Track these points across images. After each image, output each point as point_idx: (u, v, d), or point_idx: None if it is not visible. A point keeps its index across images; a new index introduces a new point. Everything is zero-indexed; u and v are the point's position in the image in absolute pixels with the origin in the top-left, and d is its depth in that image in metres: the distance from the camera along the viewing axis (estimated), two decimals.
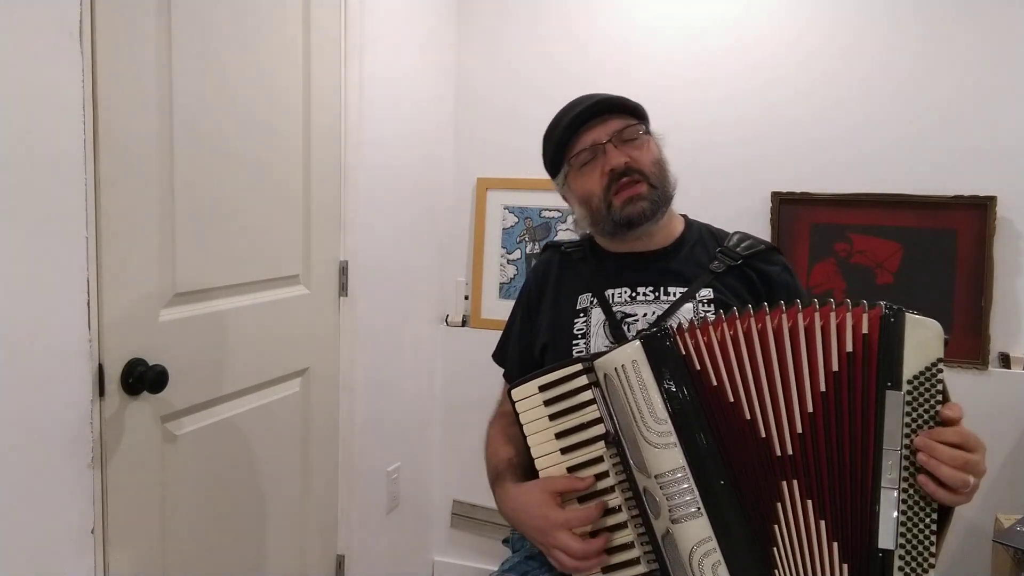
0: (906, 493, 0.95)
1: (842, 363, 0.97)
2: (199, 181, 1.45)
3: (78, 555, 1.22)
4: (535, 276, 1.42)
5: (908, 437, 0.95)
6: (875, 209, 2.08)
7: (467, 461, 2.47)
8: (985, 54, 2.00)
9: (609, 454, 1.07)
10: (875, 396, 0.96)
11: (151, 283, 1.36)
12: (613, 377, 1.05)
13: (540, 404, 1.10)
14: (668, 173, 1.29)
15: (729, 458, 1.00)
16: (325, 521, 1.95)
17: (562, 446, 1.09)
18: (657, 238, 1.32)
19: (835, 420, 0.97)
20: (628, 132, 1.27)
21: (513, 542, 1.41)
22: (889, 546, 0.94)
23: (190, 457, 1.47)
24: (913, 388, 0.95)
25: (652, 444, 1.02)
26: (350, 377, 1.96)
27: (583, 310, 1.29)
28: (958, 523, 2.02)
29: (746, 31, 2.18)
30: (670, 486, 1.00)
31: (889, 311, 0.96)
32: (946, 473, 0.92)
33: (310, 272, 1.81)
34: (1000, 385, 1.99)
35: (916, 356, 0.95)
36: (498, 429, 1.33)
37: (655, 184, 1.26)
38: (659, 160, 1.29)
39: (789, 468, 0.98)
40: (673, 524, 1.00)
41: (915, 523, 0.95)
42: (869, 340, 0.96)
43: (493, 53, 2.43)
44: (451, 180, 2.48)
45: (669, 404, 1.01)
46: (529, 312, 1.39)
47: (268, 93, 1.62)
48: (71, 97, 1.16)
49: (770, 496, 0.99)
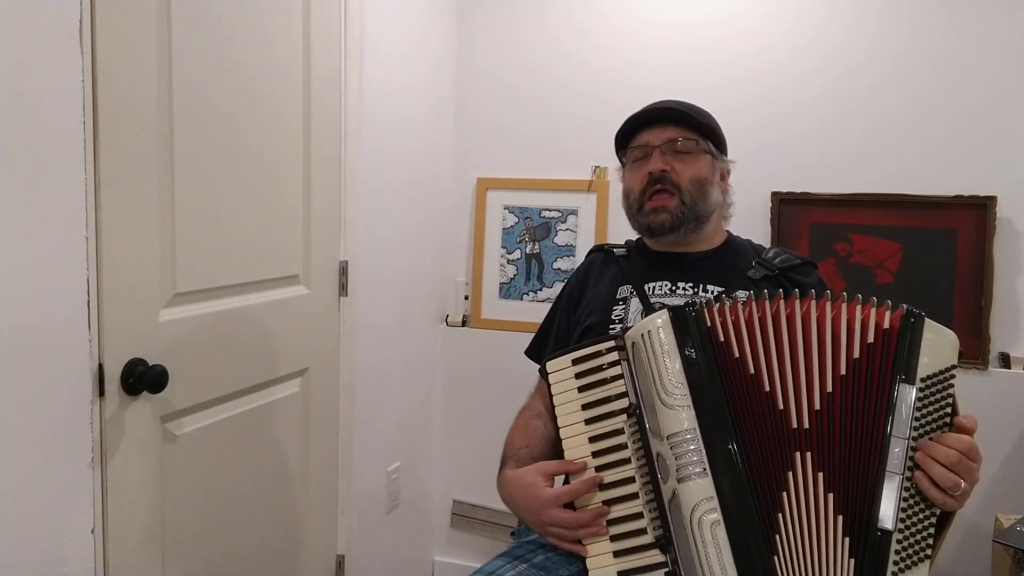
0: (909, 482, 1.00)
1: (863, 352, 1.03)
2: (199, 181, 1.45)
3: (78, 555, 1.22)
4: (577, 275, 1.50)
5: (916, 431, 1.01)
6: (875, 209, 2.08)
7: (467, 461, 2.48)
8: (985, 54, 2.00)
9: (628, 424, 1.10)
10: (889, 386, 1.02)
11: (151, 283, 1.36)
12: (639, 344, 1.09)
13: (571, 377, 1.15)
14: (709, 193, 1.35)
15: (740, 425, 1.04)
16: (325, 521, 1.95)
17: (587, 417, 1.13)
18: (700, 243, 1.39)
19: (851, 403, 1.03)
20: (682, 144, 1.34)
21: (520, 534, 1.42)
22: (888, 527, 0.99)
23: (190, 457, 1.47)
24: (926, 387, 1.02)
25: (667, 406, 1.05)
26: (350, 377, 1.96)
27: (623, 299, 1.36)
28: (958, 523, 2.00)
29: (746, 30, 2.18)
30: (680, 446, 1.04)
31: (911, 313, 1.04)
32: (938, 472, 0.98)
33: (310, 272, 1.81)
34: (1000, 385, 1.99)
35: (931, 359, 1.02)
36: (520, 420, 1.38)
37: (686, 201, 1.32)
38: (702, 179, 1.35)
39: (804, 440, 1.03)
40: (679, 484, 1.03)
41: (915, 512, 1.00)
42: (889, 335, 1.03)
43: (493, 53, 2.43)
44: (451, 180, 2.48)
45: (687, 369, 1.06)
46: (569, 308, 1.45)
47: (268, 93, 1.62)
48: (71, 97, 1.16)
49: (781, 465, 1.03)
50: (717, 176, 1.38)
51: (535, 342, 1.54)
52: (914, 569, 0.98)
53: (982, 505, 1.98)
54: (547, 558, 1.26)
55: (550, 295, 2.37)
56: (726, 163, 1.42)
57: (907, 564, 0.98)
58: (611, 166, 2.31)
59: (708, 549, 1.00)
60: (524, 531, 1.42)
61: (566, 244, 2.36)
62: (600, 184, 2.31)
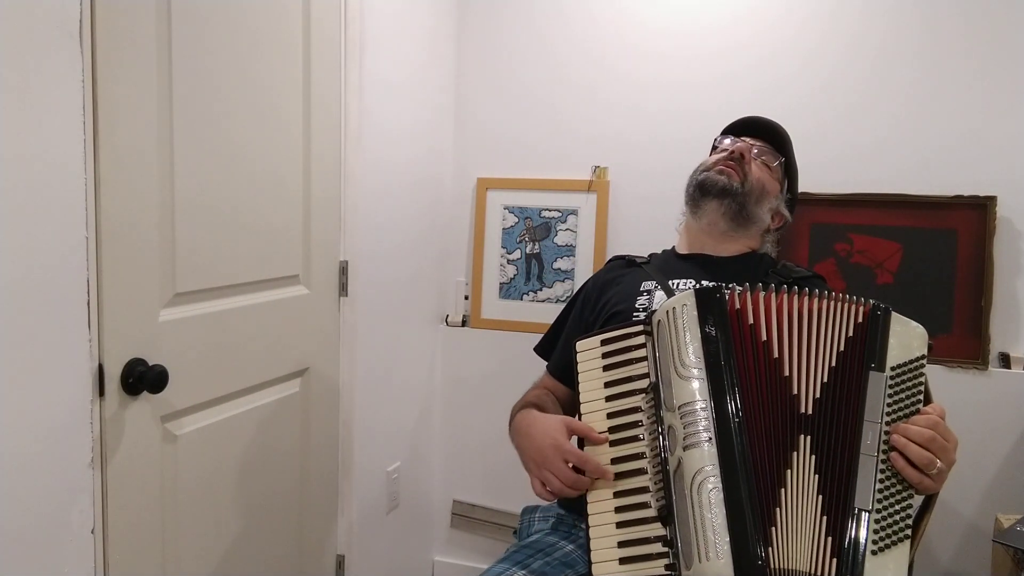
0: (885, 464, 1.05)
1: (846, 346, 1.11)
2: (199, 181, 1.45)
3: (78, 555, 1.22)
4: (595, 279, 1.55)
5: (890, 415, 1.07)
6: (875, 209, 2.08)
7: (467, 461, 2.48)
8: (986, 54, 2.00)
9: (645, 401, 1.13)
10: (862, 373, 1.09)
11: (151, 283, 1.36)
12: (664, 321, 1.14)
13: (598, 356, 1.20)
14: (763, 203, 1.47)
15: (748, 401, 1.08)
16: (325, 521, 1.95)
17: (608, 394, 1.17)
18: (728, 246, 1.48)
19: (840, 392, 1.09)
20: (766, 155, 1.51)
21: (520, 534, 1.43)
22: (865, 506, 1.03)
23: (190, 457, 1.47)
24: (896, 375, 1.09)
25: (682, 377, 1.09)
26: (350, 377, 1.97)
27: (647, 291, 1.41)
28: (958, 523, 2.02)
29: (745, 33, 2.18)
30: (688, 415, 1.07)
31: (878, 307, 1.12)
32: (913, 451, 1.03)
33: (310, 272, 1.81)
34: (1000, 385, 1.98)
35: (900, 349, 1.10)
36: (530, 391, 1.47)
37: (745, 188, 1.45)
38: (767, 187, 1.48)
39: (806, 425, 1.08)
40: (684, 452, 1.05)
41: (892, 492, 1.04)
42: (861, 328, 1.11)
43: (494, 53, 2.43)
44: (451, 180, 2.48)
45: (705, 345, 1.10)
46: (584, 307, 1.50)
47: (268, 93, 1.62)
48: (71, 97, 1.16)
49: (787, 445, 1.07)
50: (777, 202, 1.51)
51: (545, 339, 1.58)
52: (893, 549, 1.01)
53: (982, 505, 1.99)
54: (546, 563, 1.26)
55: (550, 295, 2.37)
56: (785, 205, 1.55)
57: (886, 544, 1.01)
58: (611, 166, 2.32)
59: (703, 512, 1.01)
60: (525, 531, 1.43)
61: (566, 244, 2.36)
62: (600, 184, 2.31)
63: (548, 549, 1.32)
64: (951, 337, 2.01)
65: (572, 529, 1.39)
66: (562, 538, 1.36)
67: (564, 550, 1.32)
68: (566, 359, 1.43)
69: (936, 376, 2.00)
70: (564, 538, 1.36)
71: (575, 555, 1.30)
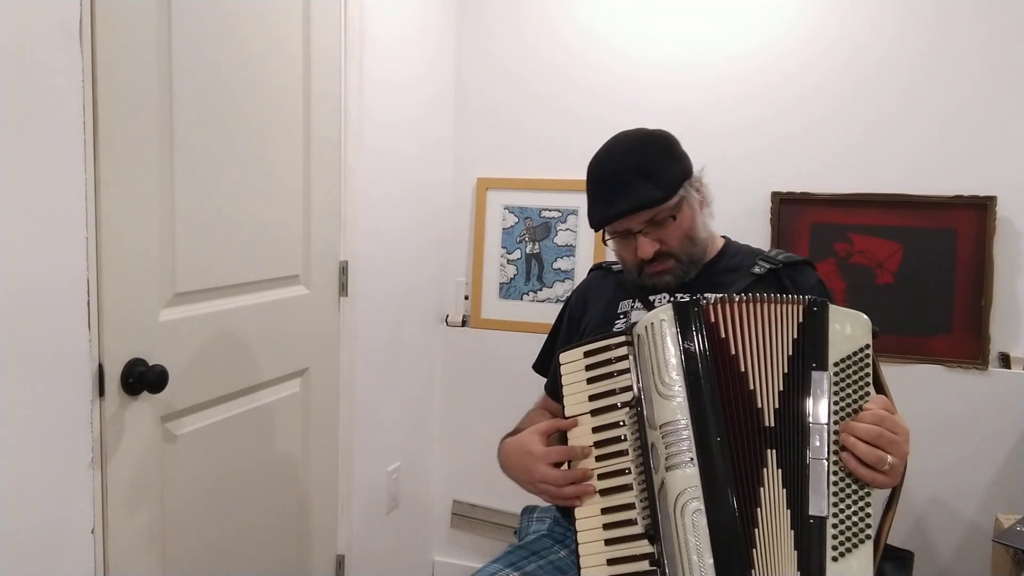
0: (836, 466, 1.03)
1: (794, 349, 1.09)
2: (199, 181, 1.45)
3: (78, 555, 1.22)
4: (578, 293, 1.52)
5: (839, 413, 1.04)
6: (875, 209, 2.08)
7: (467, 461, 2.48)
8: (986, 54, 2.00)
9: (629, 416, 1.13)
10: (803, 376, 1.07)
11: (151, 283, 1.36)
12: (643, 336, 1.12)
13: (582, 368, 1.19)
14: (699, 237, 1.34)
15: (727, 420, 1.07)
16: (325, 521, 1.95)
17: (593, 408, 1.17)
18: None
19: (793, 398, 1.07)
20: (658, 219, 1.30)
21: (521, 535, 1.43)
22: (821, 513, 1.01)
23: (190, 457, 1.47)
24: (840, 370, 1.06)
25: (663, 396, 1.08)
26: (350, 377, 1.96)
27: (623, 313, 1.38)
28: (958, 523, 2.02)
29: (746, 32, 2.18)
30: (671, 435, 1.06)
31: (813, 303, 1.09)
32: (862, 449, 1.01)
33: (310, 272, 1.81)
34: (1000, 385, 1.98)
35: (844, 342, 1.07)
36: (528, 414, 1.45)
37: (683, 259, 1.33)
38: (689, 230, 1.33)
39: (771, 438, 1.07)
40: (667, 472, 1.05)
41: (848, 495, 1.02)
42: (803, 328, 1.09)
43: (493, 53, 2.42)
44: (451, 180, 2.48)
45: (685, 361, 1.09)
46: (571, 326, 1.48)
47: (268, 93, 1.62)
48: (71, 97, 1.16)
49: (758, 462, 1.06)
50: (697, 206, 1.34)
51: (540, 358, 1.56)
52: (855, 552, 1.00)
53: (982, 505, 1.99)
54: (539, 566, 1.27)
55: (550, 295, 2.37)
56: (698, 182, 1.36)
57: (847, 548, 1.00)
58: None
59: (688, 536, 1.02)
60: (525, 531, 1.43)
61: (566, 244, 2.36)
62: None
63: (543, 552, 1.32)
64: (951, 337, 2.01)
65: (567, 531, 1.39)
66: (557, 541, 1.36)
67: (558, 555, 1.33)
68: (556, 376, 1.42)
69: (936, 376, 2.02)
70: (559, 541, 1.36)
71: (567, 560, 1.31)
